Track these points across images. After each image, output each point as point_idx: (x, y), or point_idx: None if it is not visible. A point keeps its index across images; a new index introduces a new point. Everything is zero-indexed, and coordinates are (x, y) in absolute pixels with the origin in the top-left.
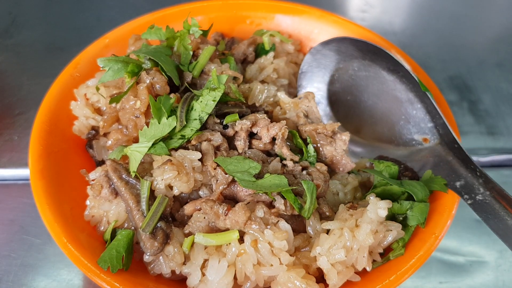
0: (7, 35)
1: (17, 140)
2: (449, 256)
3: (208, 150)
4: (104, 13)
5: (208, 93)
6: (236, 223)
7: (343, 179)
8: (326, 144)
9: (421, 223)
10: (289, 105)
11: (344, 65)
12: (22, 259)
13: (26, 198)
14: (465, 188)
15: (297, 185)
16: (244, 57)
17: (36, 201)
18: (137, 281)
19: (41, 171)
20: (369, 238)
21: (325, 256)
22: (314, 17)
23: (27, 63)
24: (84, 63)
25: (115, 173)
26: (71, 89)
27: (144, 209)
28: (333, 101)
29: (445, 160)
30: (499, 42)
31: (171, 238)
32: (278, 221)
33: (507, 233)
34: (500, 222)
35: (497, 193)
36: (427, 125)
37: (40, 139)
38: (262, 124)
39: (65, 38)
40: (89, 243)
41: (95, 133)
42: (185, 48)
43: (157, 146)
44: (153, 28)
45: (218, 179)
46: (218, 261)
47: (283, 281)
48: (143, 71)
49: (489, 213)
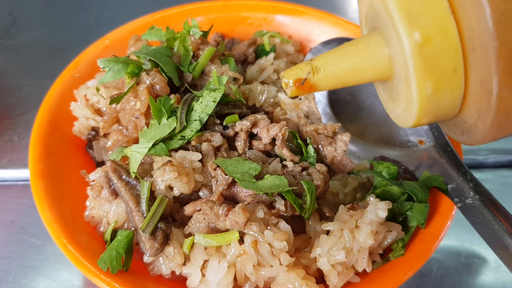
0: (7, 36)
1: (17, 141)
2: (449, 256)
3: (208, 151)
4: (104, 14)
5: (208, 94)
6: (236, 223)
7: (343, 179)
8: (327, 144)
9: (421, 223)
10: (290, 105)
11: None
12: (22, 260)
13: (26, 199)
14: (456, 191)
15: (297, 185)
16: (244, 58)
17: (36, 202)
18: (137, 282)
19: (41, 172)
20: (369, 239)
21: (325, 257)
22: (314, 18)
23: (27, 64)
24: (84, 64)
25: (115, 174)
26: (71, 90)
27: (144, 210)
28: (333, 101)
29: (438, 163)
30: None
31: (171, 239)
32: (278, 221)
33: (493, 237)
34: (487, 226)
35: (486, 197)
36: (423, 127)
37: (40, 140)
38: (262, 125)
39: (65, 39)
40: (89, 244)
41: (95, 134)
42: (185, 49)
43: (157, 147)
44: (153, 29)
45: (218, 180)
46: (218, 261)
47: (283, 282)
48: (143, 72)
49: (477, 217)
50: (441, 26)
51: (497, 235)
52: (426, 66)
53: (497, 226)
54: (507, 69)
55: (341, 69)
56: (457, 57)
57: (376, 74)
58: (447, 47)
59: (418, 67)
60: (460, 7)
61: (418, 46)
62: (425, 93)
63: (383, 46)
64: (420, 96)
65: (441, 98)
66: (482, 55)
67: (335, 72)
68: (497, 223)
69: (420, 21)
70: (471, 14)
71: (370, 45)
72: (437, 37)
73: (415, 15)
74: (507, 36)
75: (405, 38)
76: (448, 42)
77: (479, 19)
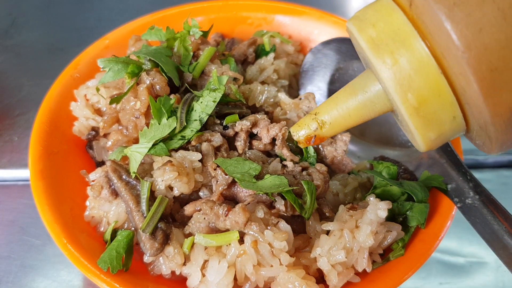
0: (7, 36)
1: (17, 141)
2: (449, 257)
3: (208, 151)
4: (104, 14)
5: (208, 94)
6: (236, 223)
7: (343, 179)
8: (327, 144)
9: (421, 223)
10: (290, 105)
11: (345, 65)
12: (22, 260)
13: (26, 199)
14: (456, 191)
15: (297, 185)
16: (245, 58)
17: (36, 202)
18: (137, 282)
19: (41, 172)
20: (369, 239)
21: (325, 257)
22: (314, 18)
23: (27, 64)
24: (84, 64)
25: (115, 173)
26: (71, 90)
27: (144, 210)
28: None
29: (438, 163)
30: None
31: (171, 239)
32: (278, 221)
33: (493, 238)
34: (486, 227)
35: (485, 197)
36: None
37: (40, 140)
38: (262, 125)
39: (65, 39)
40: (89, 244)
41: (95, 133)
42: (185, 49)
43: (157, 147)
44: (153, 29)
45: (218, 180)
46: (218, 261)
47: (283, 282)
48: (143, 72)
49: (477, 217)
50: (434, 87)
51: (497, 235)
52: (425, 122)
53: (497, 226)
54: (503, 124)
55: (345, 119)
56: (454, 108)
57: (379, 112)
58: (443, 103)
59: (418, 124)
60: (450, 71)
61: (415, 109)
62: (428, 139)
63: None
64: (425, 142)
65: (445, 138)
66: (477, 111)
67: (340, 123)
68: (497, 223)
69: (412, 85)
70: (461, 80)
71: (368, 91)
72: (431, 97)
73: (407, 81)
74: (497, 99)
75: (400, 104)
76: (443, 99)
77: (468, 86)
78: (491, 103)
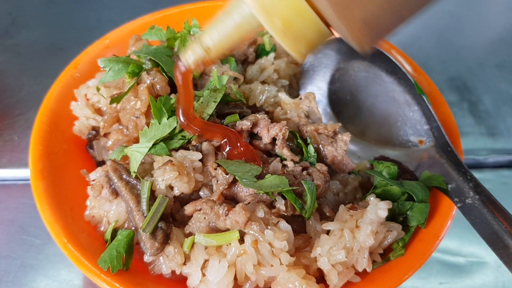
0: (7, 36)
1: (18, 140)
2: (449, 256)
3: (209, 151)
4: (104, 14)
5: (209, 93)
6: (237, 223)
7: (344, 179)
8: (327, 144)
9: (421, 223)
10: (290, 105)
11: (345, 65)
12: (22, 260)
13: (26, 199)
14: (456, 191)
15: (297, 185)
16: (245, 58)
17: (36, 201)
18: (137, 281)
19: (41, 171)
20: (369, 239)
21: (325, 256)
22: None
23: (27, 64)
24: (84, 64)
25: (115, 173)
26: (71, 89)
27: (144, 209)
28: (333, 101)
29: (438, 163)
30: (499, 43)
31: (172, 239)
32: (279, 221)
33: (493, 237)
34: (486, 226)
35: (486, 197)
36: (423, 127)
37: (40, 140)
38: (262, 125)
39: (65, 38)
40: (89, 243)
41: (96, 133)
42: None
43: (157, 146)
44: (154, 29)
45: (218, 180)
46: (218, 261)
47: (283, 282)
48: (143, 71)
49: (477, 217)
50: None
51: (497, 235)
52: (294, 41)
53: (497, 226)
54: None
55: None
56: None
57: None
58: (307, 23)
59: (288, 44)
60: None
61: (282, 31)
62: (300, 53)
63: None
64: (299, 55)
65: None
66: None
67: (222, 44)
68: (497, 223)
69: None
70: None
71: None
72: (295, 20)
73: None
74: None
75: (269, 29)
76: (306, 20)
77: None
78: (345, 20)
